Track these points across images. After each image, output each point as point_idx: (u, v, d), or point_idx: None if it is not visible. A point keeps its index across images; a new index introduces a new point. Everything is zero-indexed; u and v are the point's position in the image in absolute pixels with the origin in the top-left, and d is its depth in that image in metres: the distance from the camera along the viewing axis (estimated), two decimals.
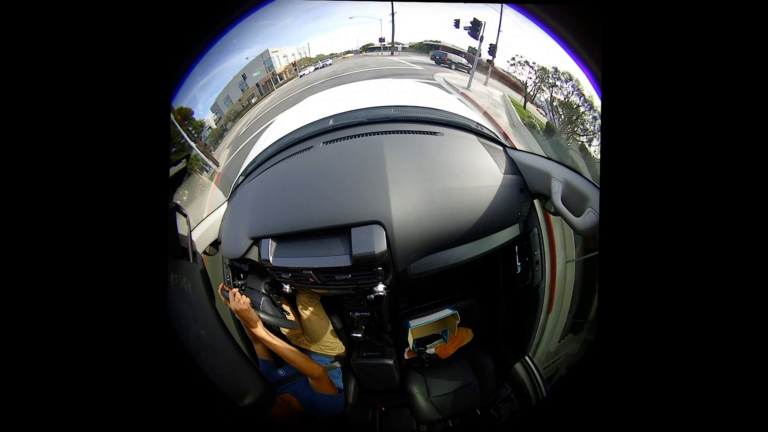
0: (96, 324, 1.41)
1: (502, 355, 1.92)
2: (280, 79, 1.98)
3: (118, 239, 1.43)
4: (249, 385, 1.51)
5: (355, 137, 1.72)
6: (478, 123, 1.82)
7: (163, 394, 1.43)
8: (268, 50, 1.91)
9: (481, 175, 1.62)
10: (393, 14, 1.86)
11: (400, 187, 1.53)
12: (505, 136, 1.85)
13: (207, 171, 1.93)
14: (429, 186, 1.54)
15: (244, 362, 1.57)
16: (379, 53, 1.97)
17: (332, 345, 1.97)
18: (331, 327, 1.98)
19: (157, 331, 1.43)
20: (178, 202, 1.68)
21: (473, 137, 1.75)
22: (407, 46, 1.98)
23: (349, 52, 1.94)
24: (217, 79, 1.85)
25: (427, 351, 1.91)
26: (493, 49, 1.80)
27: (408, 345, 1.89)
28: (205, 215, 1.90)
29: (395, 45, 1.96)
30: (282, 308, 1.87)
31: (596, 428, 1.46)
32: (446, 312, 1.84)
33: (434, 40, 1.93)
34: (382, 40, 1.93)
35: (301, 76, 1.98)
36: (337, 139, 1.74)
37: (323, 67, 1.97)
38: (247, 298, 1.67)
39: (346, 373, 1.95)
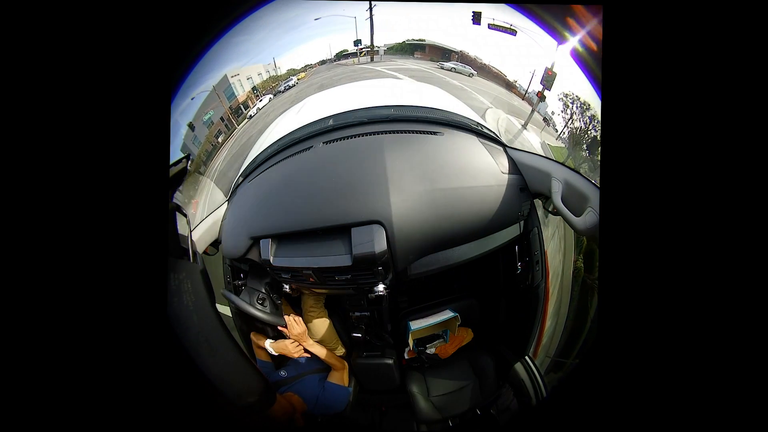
0: (96, 324, 1.41)
1: (502, 355, 1.92)
2: (245, 108, 1.82)
3: (118, 239, 1.43)
4: (249, 385, 1.51)
5: (355, 137, 1.72)
6: (478, 123, 1.82)
7: (164, 394, 1.43)
8: (226, 75, 1.75)
9: (482, 175, 1.62)
10: (371, 10, 1.74)
11: (400, 186, 1.53)
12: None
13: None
14: (429, 186, 1.54)
15: (244, 362, 1.57)
16: (355, 60, 1.84)
17: (335, 346, 1.97)
18: (333, 328, 1.98)
19: (157, 330, 1.43)
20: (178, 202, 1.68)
21: (473, 137, 1.75)
22: (388, 48, 1.86)
23: (322, 62, 1.81)
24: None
25: (427, 351, 1.91)
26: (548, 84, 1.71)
27: (408, 345, 1.89)
28: (205, 215, 1.90)
29: (374, 49, 1.84)
30: (276, 306, 1.88)
31: (596, 428, 1.46)
32: (447, 314, 1.84)
33: (419, 39, 1.83)
34: (358, 43, 1.82)
35: (251, 115, 1.80)
36: (337, 139, 1.74)
37: (285, 90, 1.84)
38: (303, 325, 1.80)
39: (347, 374, 1.95)
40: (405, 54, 1.90)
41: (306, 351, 1.88)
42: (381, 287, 1.61)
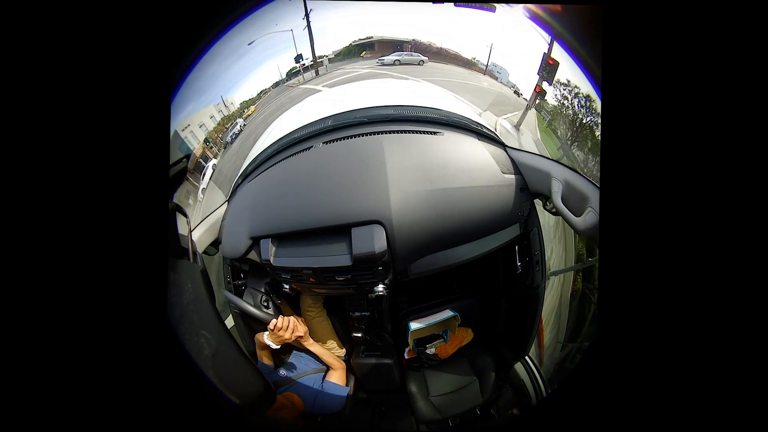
0: (96, 324, 1.41)
1: (502, 355, 1.92)
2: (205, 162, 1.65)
3: (118, 239, 1.43)
4: (250, 385, 1.51)
5: (355, 137, 1.72)
6: (478, 122, 1.82)
7: (164, 394, 1.43)
8: (176, 132, 1.60)
9: (482, 175, 1.62)
10: (307, 18, 1.60)
11: (400, 186, 1.53)
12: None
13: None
14: (429, 186, 1.54)
15: (245, 362, 1.56)
16: (300, 78, 1.69)
17: (333, 345, 1.97)
18: (332, 328, 1.98)
19: (157, 331, 1.43)
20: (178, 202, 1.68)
21: (473, 137, 1.75)
22: (336, 54, 1.72)
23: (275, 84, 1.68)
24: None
25: (427, 351, 1.91)
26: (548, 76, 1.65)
27: (408, 345, 1.89)
28: (205, 215, 1.90)
29: (318, 60, 1.68)
30: (277, 306, 1.88)
31: (596, 428, 1.46)
32: (447, 314, 1.84)
33: (366, 37, 1.70)
34: (299, 58, 1.63)
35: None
36: (337, 139, 1.74)
37: (232, 140, 1.70)
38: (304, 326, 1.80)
39: (347, 373, 1.95)
40: (352, 56, 1.80)
41: (305, 349, 1.88)
42: (381, 287, 1.61)
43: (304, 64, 1.73)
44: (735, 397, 1.38)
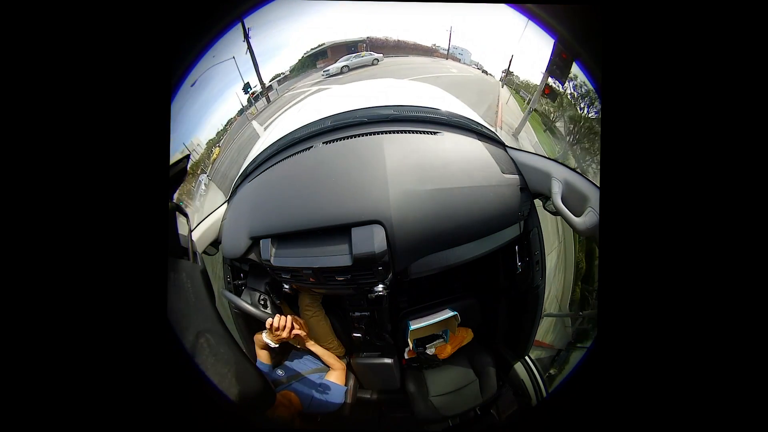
0: (96, 324, 1.41)
1: (502, 355, 1.92)
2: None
3: (118, 239, 1.43)
4: (250, 385, 1.51)
5: (355, 137, 1.72)
6: (478, 122, 1.82)
7: (164, 394, 1.43)
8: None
9: (482, 175, 1.62)
10: (248, 41, 1.40)
11: (400, 186, 1.52)
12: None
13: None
14: (429, 185, 1.54)
15: (244, 362, 1.56)
16: (253, 110, 1.53)
17: (332, 345, 1.97)
18: (331, 328, 1.98)
19: (157, 330, 1.43)
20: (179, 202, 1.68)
21: (473, 137, 1.75)
22: (290, 70, 1.58)
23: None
24: None
25: (427, 351, 1.91)
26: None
27: (408, 345, 1.89)
28: (205, 215, 1.90)
29: (266, 86, 1.47)
30: (276, 306, 1.88)
31: (596, 428, 1.46)
32: (447, 314, 1.84)
33: (317, 45, 1.56)
34: (247, 88, 1.46)
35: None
36: (337, 139, 1.73)
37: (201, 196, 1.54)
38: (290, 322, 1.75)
39: (347, 373, 1.95)
40: (307, 69, 1.67)
41: (305, 348, 1.88)
42: (381, 287, 1.61)
43: (254, 93, 1.60)
44: (735, 396, 1.38)
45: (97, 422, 1.41)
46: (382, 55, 1.70)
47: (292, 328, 1.75)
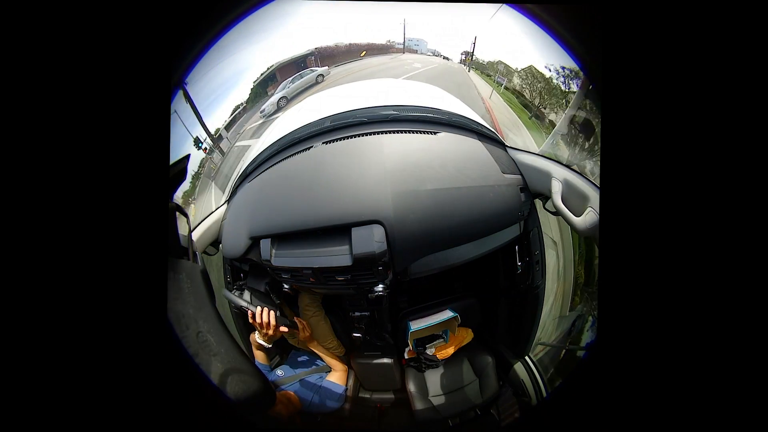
0: (96, 324, 1.41)
1: (502, 355, 1.92)
2: None
3: (118, 239, 1.43)
4: (250, 385, 1.51)
5: (355, 137, 1.72)
6: (478, 122, 1.82)
7: (164, 394, 1.43)
8: None
9: (482, 175, 1.62)
10: (184, 85, 1.29)
11: (400, 186, 1.53)
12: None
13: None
14: (429, 185, 1.54)
15: (245, 362, 1.56)
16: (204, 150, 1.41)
17: (332, 345, 1.97)
18: (331, 328, 1.98)
19: (157, 331, 1.43)
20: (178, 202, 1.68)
21: (473, 137, 1.75)
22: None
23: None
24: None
25: (427, 351, 1.91)
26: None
27: (408, 345, 1.89)
28: (205, 215, 1.90)
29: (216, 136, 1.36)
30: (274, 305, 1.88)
31: (596, 428, 1.46)
32: (447, 314, 1.84)
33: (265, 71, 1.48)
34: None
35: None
36: (337, 139, 1.73)
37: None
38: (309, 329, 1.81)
39: (347, 373, 1.96)
40: (259, 99, 1.58)
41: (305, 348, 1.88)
42: (381, 287, 1.61)
43: (205, 149, 1.50)
44: (735, 396, 1.38)
45: (97, 422, 1.41)
46: (327, 68, 1.61)
47: (278, 324, 1.73)
